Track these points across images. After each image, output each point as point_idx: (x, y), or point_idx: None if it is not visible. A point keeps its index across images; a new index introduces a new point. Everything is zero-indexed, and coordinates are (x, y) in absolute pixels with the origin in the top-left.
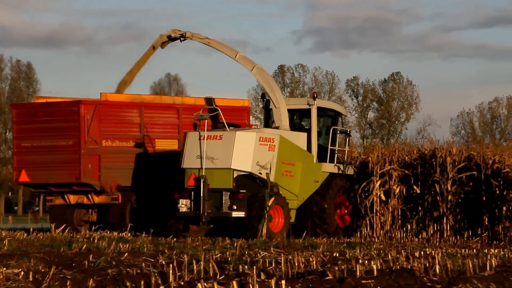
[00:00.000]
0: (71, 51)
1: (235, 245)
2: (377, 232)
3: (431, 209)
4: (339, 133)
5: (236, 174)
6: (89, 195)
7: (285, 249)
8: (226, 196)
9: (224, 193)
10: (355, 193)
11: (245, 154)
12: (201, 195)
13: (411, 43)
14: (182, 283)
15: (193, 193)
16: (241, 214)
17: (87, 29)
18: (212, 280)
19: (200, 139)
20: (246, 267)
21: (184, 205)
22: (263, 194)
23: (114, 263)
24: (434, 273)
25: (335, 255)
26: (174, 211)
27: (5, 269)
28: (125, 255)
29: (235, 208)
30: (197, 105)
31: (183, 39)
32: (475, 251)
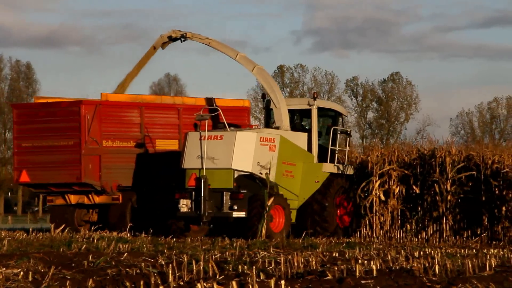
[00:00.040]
0: (70, 51)
1: (235, 245)
2: (376, 232)
3: (431, 209)
4: (340, 133)
5: (236, 174)
6: (90, 195)
7: (285, 249)
8: (226, 196)
9: (224, 193)
10: (354, 193)
11: (245, 154)
12: (201, 195)
13: (411, 43)
14: (181, 283)
15: (193, 193)
16: (242, 214)
17: (86, 29)
18: (211, 280)
19: (200, 139)
20: (245, 267)
21: (184, 205)
22: (263, 194)
23: (113, 263)
24: (433, 273)
25: (334, 255)
26: (174, 211)
27: (4, 269)
28: (125, 255)
29: (235, 208)
30: (197, 105)
31: (183, 39)
32: (474, 251)
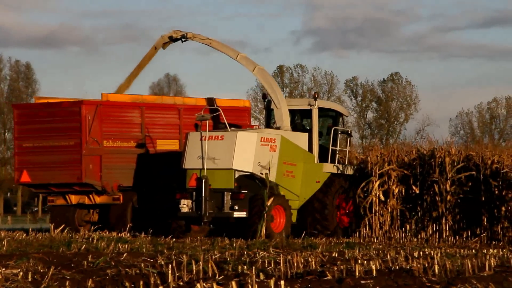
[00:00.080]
0: (70, 51)
1: (234, 245)
2: (376, 232)
3: (430, 209)
4: (340, 133)
5: (237, 174)
6: (91, 195)
7: (284, 249)
8: (227, 196)
9: (225, 193)
10: (354, 193)
11: (246, 154)
12: (202, 195)
13: (410, 43)
14: (181, 284)
15: (194, 193)
16: (243, 214)
17: (86, 29)
18: (211, 280)
19: (201, 139)
20: (245, 267)
21: (185, 205)
22: (263, 194)
23: (113, 264)
24: (433, 273)
25: (334, 255)
26: (175, 212)
27: (4, 269)
28: (124, 256)
29: (236, 208)
30: (198, 105)
31: (184, 39)
32: (474, 251)
